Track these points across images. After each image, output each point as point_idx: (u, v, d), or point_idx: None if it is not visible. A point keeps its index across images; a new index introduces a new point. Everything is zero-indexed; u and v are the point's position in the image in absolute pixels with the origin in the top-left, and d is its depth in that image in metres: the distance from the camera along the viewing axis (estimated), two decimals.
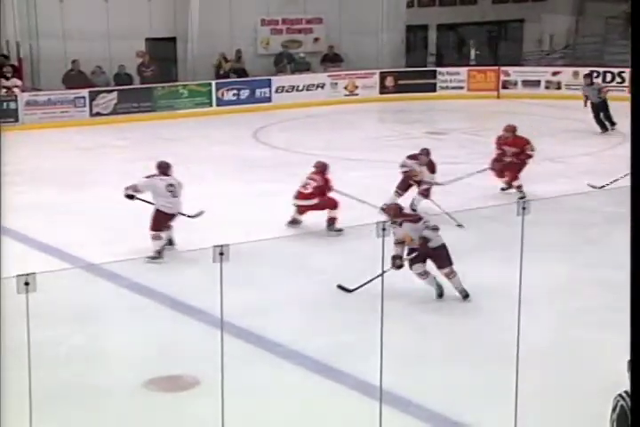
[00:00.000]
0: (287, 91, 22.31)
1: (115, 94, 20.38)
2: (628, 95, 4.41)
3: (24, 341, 5.09)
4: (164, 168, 10.82)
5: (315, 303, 8.97)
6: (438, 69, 23.85)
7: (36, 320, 5.09)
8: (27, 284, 4.74)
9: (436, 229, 8.86)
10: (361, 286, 8.80)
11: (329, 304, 8.99)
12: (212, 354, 5.80)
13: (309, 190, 11.44)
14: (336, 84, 22.96)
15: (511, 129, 13.29)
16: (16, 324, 5.18)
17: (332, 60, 23.76)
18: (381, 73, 23.40)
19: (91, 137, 18.39)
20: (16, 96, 19.34)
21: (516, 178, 13.09)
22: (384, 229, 5.42)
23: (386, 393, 6.11)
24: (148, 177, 10.79)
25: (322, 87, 22.77)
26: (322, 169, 11.66)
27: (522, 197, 12.53)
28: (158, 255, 10.23)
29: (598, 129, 18.27)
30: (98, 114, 20.13)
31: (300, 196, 11.50)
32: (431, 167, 12.39)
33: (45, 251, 10.75)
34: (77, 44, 20.02)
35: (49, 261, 10.09)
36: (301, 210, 11.55)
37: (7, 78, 19.48)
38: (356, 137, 18.40)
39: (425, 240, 8.77)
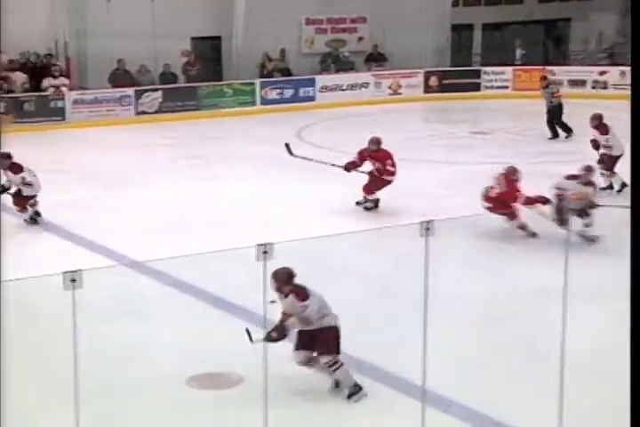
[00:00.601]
0: (331, 90, 22.34)
1: (160, 93, 20.56)
2: None
3: (69, 337, 5.15)
4: (11, 158, 11.93)
5: (357, 303, 8.96)
6: (483, 69, 23.75)
7: (80, 317, 5.14)
8: (73, 280, 4.79)
9: (321, 309, 6.90)
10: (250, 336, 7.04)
11: (371, 303, 8.98)
12: (255, 352, 5.83)
13: (492, 195, 11.12)
14: (380, 83, 22.96)
15: (376, 141, 12.43)
16: (61, 320, 5.23)
17: (376, 59, 23.74)
18: (426, 72, 23.36)
19: (136, 135, 18.55)
20: (63, 95, 19.59)
21: (371, 193, 12.39)
22: (427, 229, 5.41)
23: (428, 393, 6.10)
24: (20, 172, 11.84)
25: (366, 87, 22.77)
26: (508, 174, 11.20)
27: (367, 208, 12.28)
28: (36, 216, 12.00)
29: (549, 134, 17.76)
30: (143, 112, 20.32)
31: (483, 197, 11.25)
32: (595, 186, 11.19)
33: (90, 248, 10.86)
34: (124, 44, 20.20)
35: (94, 258, 10.20)
36: (490, 210, 11.25)
37: (55, 77, 19.73)
38: (399, 137, 18.33)
39: (305, 322, 6.87)
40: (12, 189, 11.99)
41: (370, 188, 12.41)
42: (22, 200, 11.96)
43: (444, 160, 15.78)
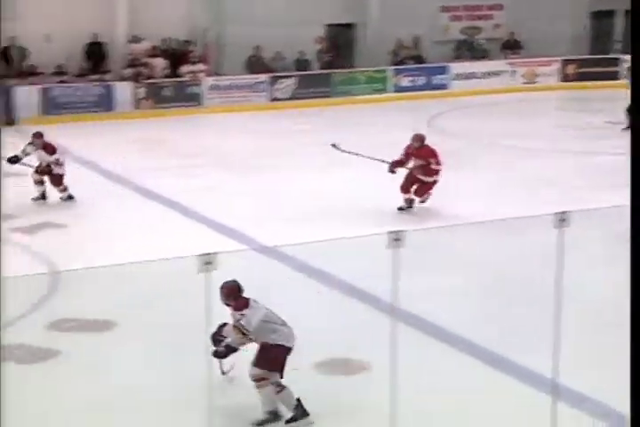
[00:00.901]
0: (465, 78, 22.10)
1: (293, 80, 20.75)
2: None
3: (202, 319, 5.25)
4: (43, 138, 12.44)
5: (484, 292, 8.87)
6: (622, 57, 23.04)
7: (212, 299, 5.24)
8: (208, 263, 4.87)
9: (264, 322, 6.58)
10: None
11: (499, 294, 8.87)
12: (382, 339, 5.83)
13: None
14: (515, 71, 22.60)
15: (419, 138, 11.90)
16: (193, 302, 5.33)
17: (511, 46, 23.36)
18: (563, 60, 22.87)
19: (270, 121, 18.78)
20: (200, 80, 19.99)
21: (423, 195, 11.91)
22: (563, 220, 5.30)
23: (559, 387, 5.98)
24: (54, 153, 12.32)
25: (500, 75, 22.45)
26: None
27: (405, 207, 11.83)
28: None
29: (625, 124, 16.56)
30: (277, 99, 20.54)
31: None
32: None
33: (222, 231, 11.05)
34: (260, 31, 20.41)
35: (225, 242, 10.38)
36: None
37: (193, 63, 20.15)
38: (534, 126, 18.04)
39: (242, 332, 6.53)
40: (29, 159, 12.42)
41: (421, 192, 11.95)
42: (57, 179, 12.42)
43: (580, 150, 15.42)
